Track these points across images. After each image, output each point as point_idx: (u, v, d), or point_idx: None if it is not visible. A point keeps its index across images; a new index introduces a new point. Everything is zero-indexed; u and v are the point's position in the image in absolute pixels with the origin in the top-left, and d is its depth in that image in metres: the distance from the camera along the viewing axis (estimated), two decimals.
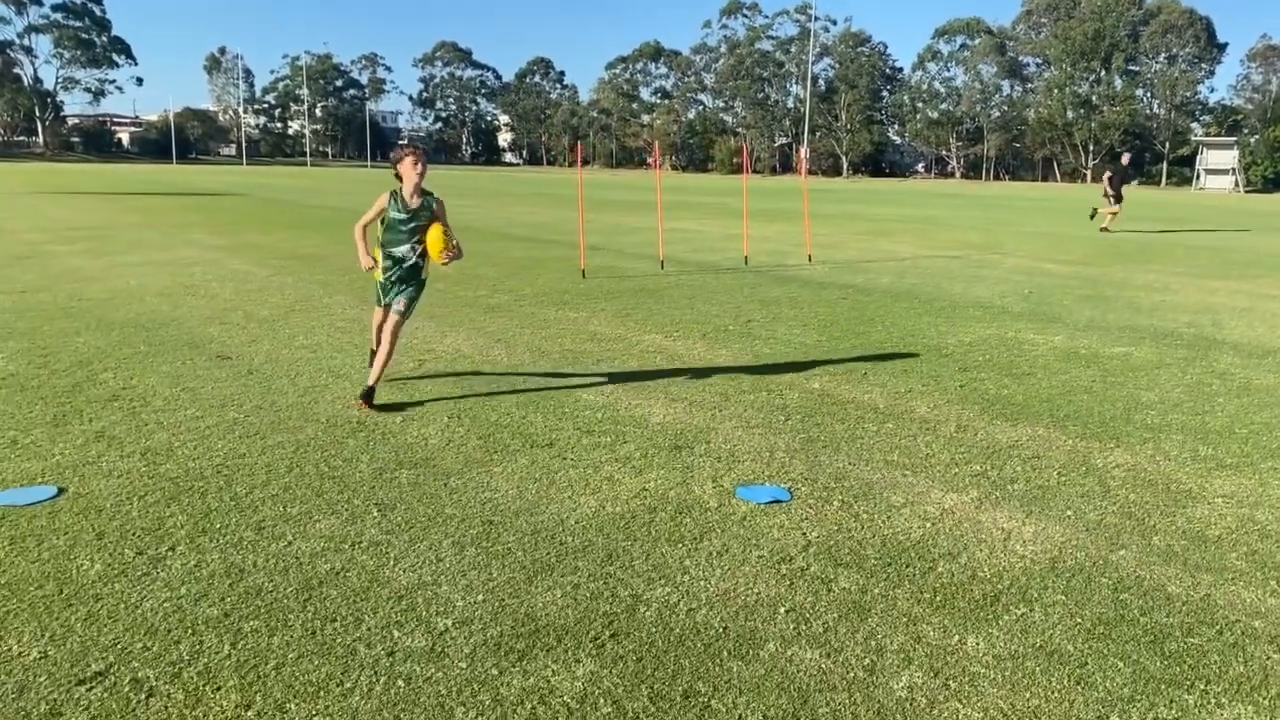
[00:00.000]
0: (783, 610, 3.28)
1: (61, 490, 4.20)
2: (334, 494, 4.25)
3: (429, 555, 3.64)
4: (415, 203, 5.63)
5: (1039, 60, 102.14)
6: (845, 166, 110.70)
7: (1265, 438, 5.44)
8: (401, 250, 5.67)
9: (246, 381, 6.20)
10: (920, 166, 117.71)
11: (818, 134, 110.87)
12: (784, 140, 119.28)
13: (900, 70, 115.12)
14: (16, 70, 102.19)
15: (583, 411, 5.68)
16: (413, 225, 5.63)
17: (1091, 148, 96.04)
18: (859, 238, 19.31)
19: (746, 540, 3.86)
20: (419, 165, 5.58)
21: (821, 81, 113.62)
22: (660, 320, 8.81)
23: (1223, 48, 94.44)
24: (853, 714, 2.68)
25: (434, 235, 5.64)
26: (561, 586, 3.41)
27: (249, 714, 2.61)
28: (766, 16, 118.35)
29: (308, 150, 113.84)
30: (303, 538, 3.77)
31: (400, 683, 2.78)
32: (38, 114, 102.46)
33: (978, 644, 3.08)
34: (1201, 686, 2.86)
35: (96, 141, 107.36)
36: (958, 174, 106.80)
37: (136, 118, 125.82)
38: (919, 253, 16.17)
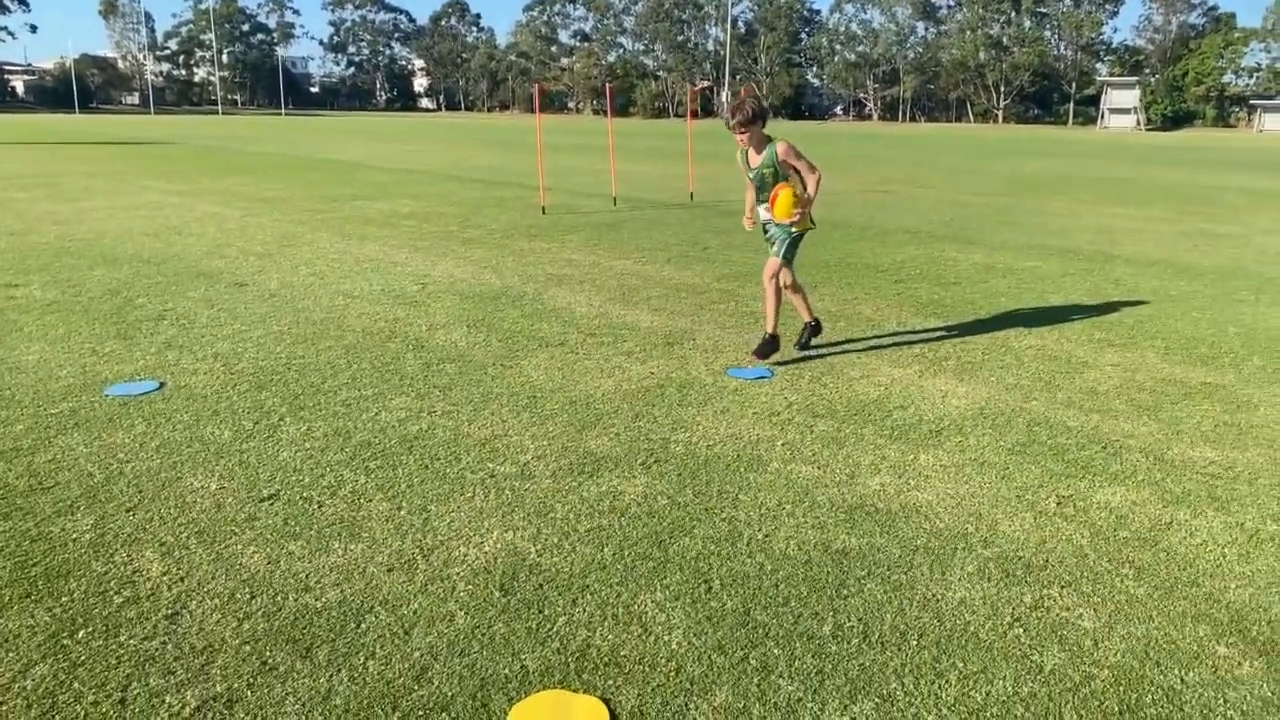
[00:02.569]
0: (779, 444, 4.26)
1: (162, 384, 4.96)
2: (395, 381, 5.08)
3: (493, 419, 4.53)
4: (755, 159, 5.22)
5: (952, 3, 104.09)
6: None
7: (1148, 325, 6.62)
8: (761, 212, 5.36)
9: (272, 303, 6.92)
10: (839, 109, 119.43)
11: (738, 77, 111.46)
12: (705, 83, 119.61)
13: (818, 13, 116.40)
14: None
15: (580, 320, 6.57)
16: (759, 182, 5.24)
17: (1003, 88, 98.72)
18: None
19: (741, 403, 4.84)
20: (733, 116, 5.03)
21: (741, 24, 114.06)
22: (626, 248, 9.70)
23: None
24: (842, 498, 3.68)
25: (782, 196, 5.13)
26: (606, 434, 4.34)
27: (401, 513, 3.50)
28: None
29: (218, 98, 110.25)
30: (385, 410, 4.62)
31: (506, 492, 3.69)
32: None
33: (928, 459, 4.11)
34: (1089, 478, 3.93)
35: None
36: (875, 116, 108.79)
37: (30, 65, 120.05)
38: (848, 189, 17.27)
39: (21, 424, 4.34)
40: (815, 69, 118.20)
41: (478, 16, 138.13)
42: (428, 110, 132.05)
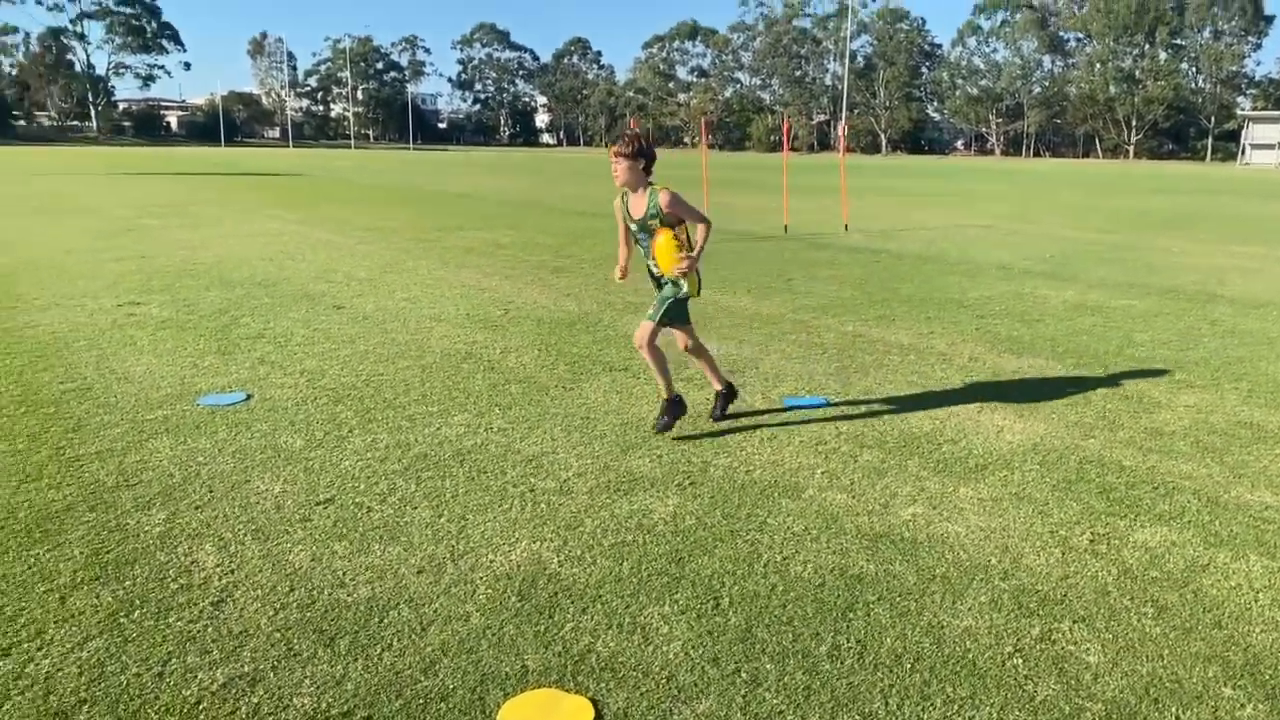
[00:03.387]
0: (819, 472, 4.31)
1: (249, 396, 5.34)
2: (461, 399, 5.34)
3: (544, 436, 4.72)
4: (637, 208, 4.60)
5: (1081, 35, 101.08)
6: (884, 143, 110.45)
7: (1235, 368, 6.37)
8: (649, 264, 4.78)
9: (364, 325, 7.32)
10: (959, 143, 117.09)
11: (856, 111, 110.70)
12: (822, 118, 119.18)
13: (939, 47, 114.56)
14: (70, 57, 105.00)
15: None
16: (643, 232, 4.62)
17: (1134, 123, 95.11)
18: (894, 210, 20.15)
19: (790, 431, 4.90)
20: (614, 162, 4.51)
21: (860, 58, 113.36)
22: (709, 278, 9.78)
23: (1270, 20, 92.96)
24: (870, 527, 3.71)
25: (662, 242, 4.51)
26: (649, 456, 4.47)
27: (441, 520, 3.71)
28: None
29: (351, 133, 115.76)
30: (447, 425, 4.87)
31: (542, 505, 3.87)
32: (91, 99, 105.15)
33: (967, 492, 4.10)
34: (1131, 517, 3.85)
35: (146, 125, 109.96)
36: (998, 151, 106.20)
37: (184, 102, 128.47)
38: (950, 223, 17.01)
39: (119, 427, 4.76)
40: (936, 103, 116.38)
41: (599, 54, 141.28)
42: (548, 145, 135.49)
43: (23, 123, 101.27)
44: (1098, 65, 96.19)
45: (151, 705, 2.52)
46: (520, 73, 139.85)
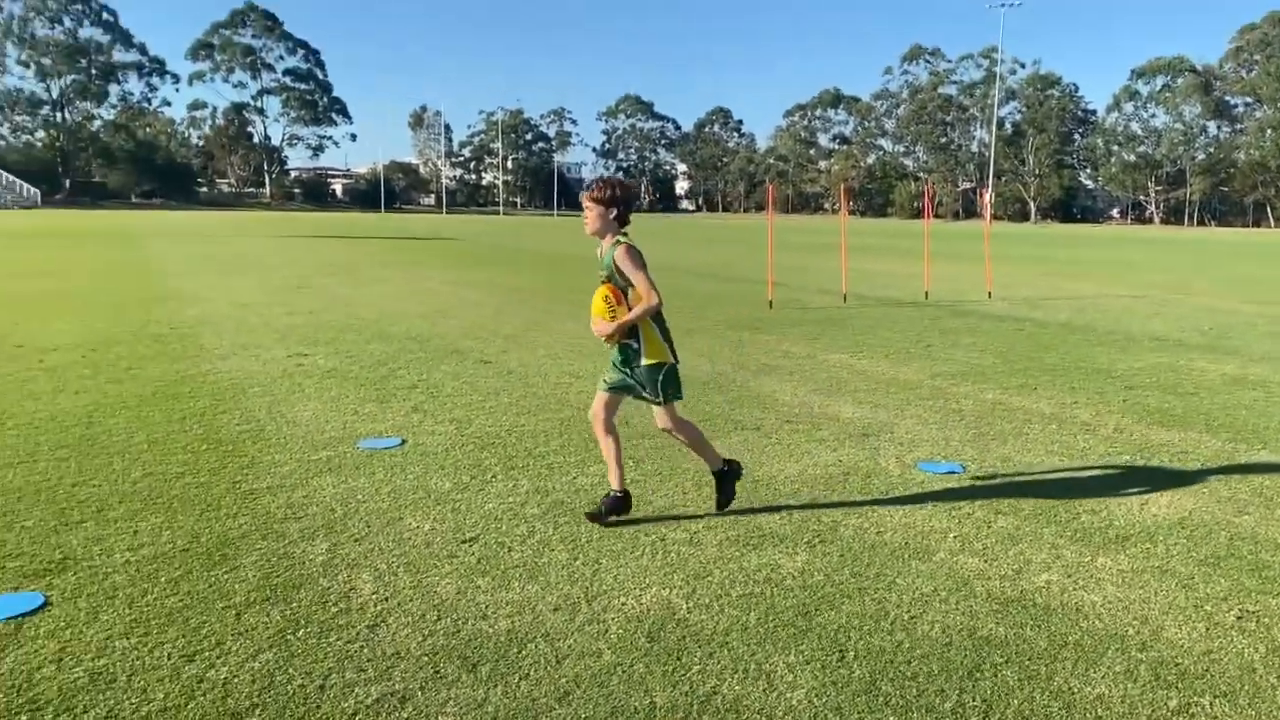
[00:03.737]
0: (951, 536, 4.30)
1: (404, 441, 5.72)
2: (596, 452, 5.55)
3: (675, 490, 4.87)
4: (602, 254, 4.49)
5: (1249, 100, 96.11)
6: (1033, 211, 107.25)
7: None
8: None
9: (508, 379, 7.69)
10: (1115, 211, 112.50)
11: (1003, 178, 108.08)
12: (968, 185, 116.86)
13: (1094, 112, 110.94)
14: (250, 129, 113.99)
15: (781, 407, 6.82)
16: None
17: None
18: (1041, 278, 19.60)
19: (924, 495, 4.89)
20: (586, 208, 4.43)
21: (1008, 125, 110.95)
22: (845, 343, 9.86)
23: None
24: (1001, 591, 3.69)
25: (596, 296, 4.38)
26: (778, 514, 4.55)
27: (576, 563, 3.89)
28: (950, 61, 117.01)
29: (500, 200, 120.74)
30: (583, 475, 5.09)
31: (672, 555, 4.00)
32: (265, 168, 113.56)
33: (1105, 562, 4.00)
34: None
35: (314, 192, 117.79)
36: (1157, 219, 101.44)
37: (348, 170, 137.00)
38: (1102, 292, 16.43)
39: (288, 466, 5.18)
40: (1089, 170, 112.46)
41: (739, 122, 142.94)
42: (686, 211, 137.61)
43: (205, 189, 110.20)
44: (1269, 131, 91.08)
45: (314, 714, 2.77)
46: (662, 141, 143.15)
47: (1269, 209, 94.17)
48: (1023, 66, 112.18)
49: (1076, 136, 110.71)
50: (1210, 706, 2.86)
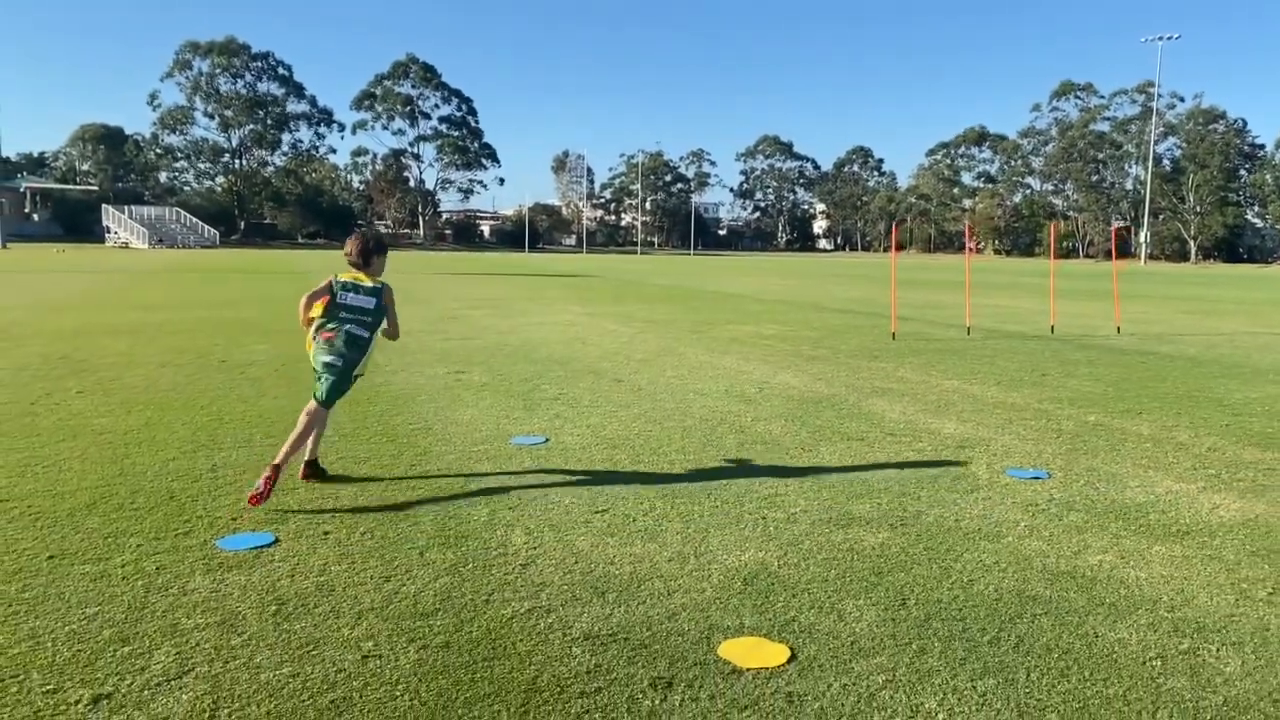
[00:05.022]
0: (1021, 525, 4.85)
1: (548, 439, 6.64)
2: (712, 451, 6.33)
3: (778, 482, 5.58)
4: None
5: None
6: (1193, 251, 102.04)
7: None
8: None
9: (638, 395, 8.55)
10: None
11: (1160, 217, 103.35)
12: (1120, 223, 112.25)
13: (1262, 148, 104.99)
14: (406, 173, 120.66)
15: (886, 423, 7.42)
16: None
17: None
18: (1183, 316, 19.24)
19: (1005, 494, 5.44)
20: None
21: (1166, 161, 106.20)
22: (960, 371, 10.31)
23: None
24: (1056, 566, 4.24)
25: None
26: (869, 503, 5.21)
27: (689, 530, 4.66)
28: (1102, 97, 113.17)
29: (638, 240, 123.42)
30: (699, 468, 5.86)
31: (771, 529, 4.72)
32: (420, 210, 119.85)
33: (1160, 549, 4.49)
34: None
35: (464, 233, 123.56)
36: None
37: (495, 212, 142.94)
38: (1243, 329, 16.12)
39: (453, 455, 6.16)
40: (1257, 208, 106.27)
41: (880, 161, 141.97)
42: (825, 250, 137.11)
43: (365, 230, 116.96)
44: None
45: (480, 616, 3.63)
46: (800, 181, 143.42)
47: None
48: (1181, 100, 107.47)
49: (1243, 173, 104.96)
50: (1217, 651, 3.39)
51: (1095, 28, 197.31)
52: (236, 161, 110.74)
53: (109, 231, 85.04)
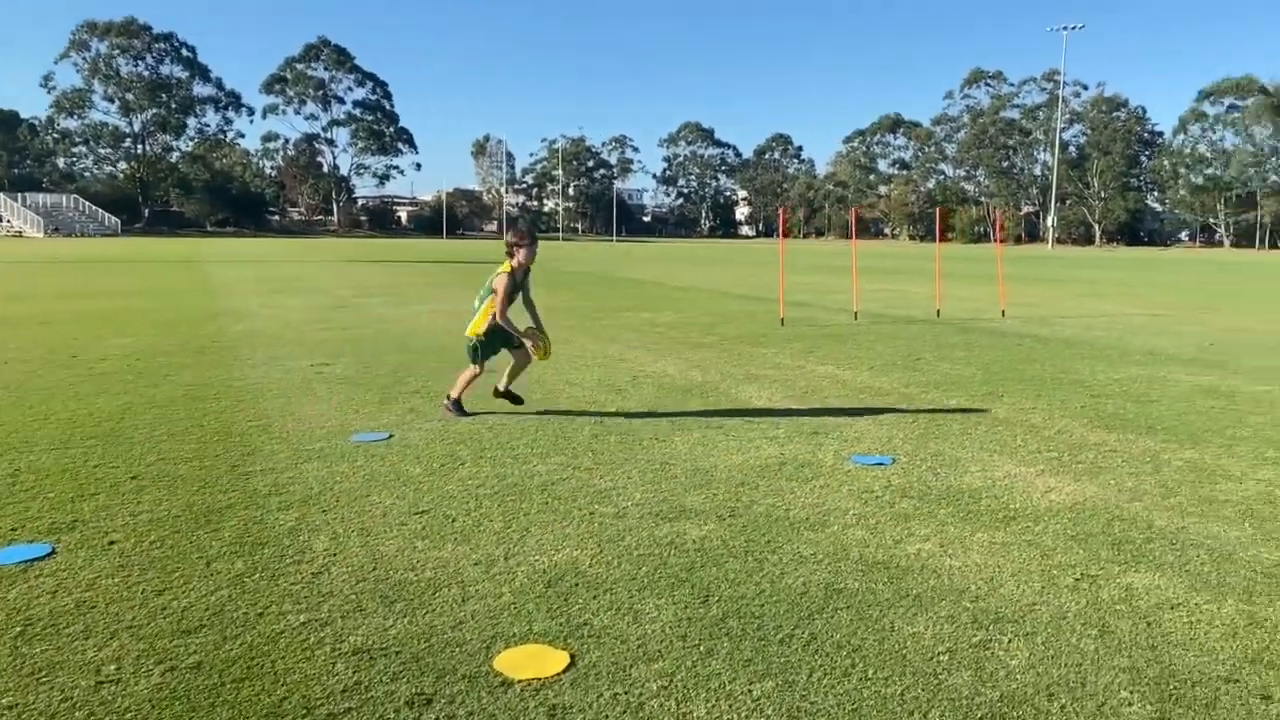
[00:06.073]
0: (850, 514, 4.77)
1: (391, 435, 6.37)
2: (563, 445, 6.14)
3: (620, 476, 5.42)
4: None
5: None
6: (1098, 235, 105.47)
7: None
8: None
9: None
10: (1184, 235, 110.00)
11: (1067, 202, 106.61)
12: (1030, 208, 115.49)
13: (1160, 134, 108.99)
14: (320, 159, 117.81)
15: (750, 410, 7.32)
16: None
17: None
18: (1070, 299, 19.71)
19: (844, 482, 5.36)
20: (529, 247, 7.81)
21: (1072, 148, 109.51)
22: (837, 356, 10.31)
23: None
24: (872, 556, 4.16)
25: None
26: (705, 494, 5.08)
27: (509, 531, 4.46)
28: (1012, 85, 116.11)
29: (560, 226, 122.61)
30: (542, 464, 5.67)
31: (597, 524, 4.55)
32: (334, 196, 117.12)
33: (982, 537, 4.45)
34: (1130, 564, 4.09)
35: (380, 220, 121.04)
36: (1227, 242, 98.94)
37: (413, 198, 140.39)
38: (1123, 311, 16.55)
39: (284, 454, 5.86)
40: (1156, 193, 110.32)
41: (799, 148, 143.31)
42: (746, 236, 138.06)
43: (277, 217, 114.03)
44: None
45: (249, 631, 3.38)
46: (722, 168, 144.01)
47: None
48: (1086, 89, 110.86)
49: (1143, 159, 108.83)
50: (1009, 643, 3.32)
51: (1008, 15, 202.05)
52: (139, 146, 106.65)
53: (1, 220, 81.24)
